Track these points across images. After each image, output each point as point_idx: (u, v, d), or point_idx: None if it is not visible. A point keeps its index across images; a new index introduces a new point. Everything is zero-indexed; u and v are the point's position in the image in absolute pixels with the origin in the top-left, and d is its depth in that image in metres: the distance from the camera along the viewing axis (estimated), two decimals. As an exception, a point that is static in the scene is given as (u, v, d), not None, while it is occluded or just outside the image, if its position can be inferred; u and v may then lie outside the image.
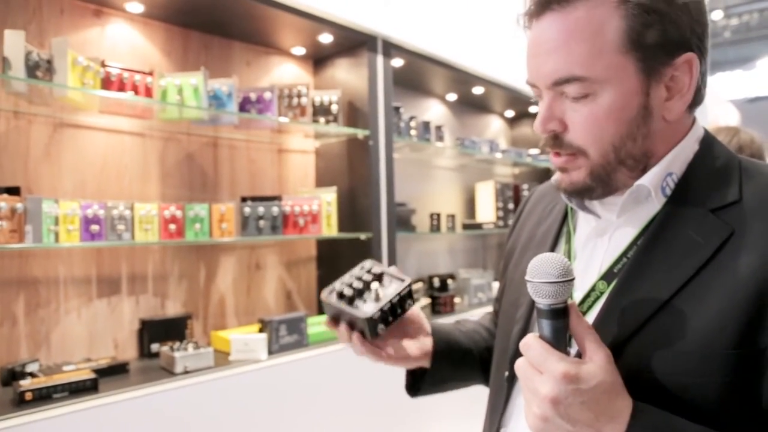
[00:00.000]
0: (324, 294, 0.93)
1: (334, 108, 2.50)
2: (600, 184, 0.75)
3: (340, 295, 0.93)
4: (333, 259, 2.73)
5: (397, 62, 2.83)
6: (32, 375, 1.73)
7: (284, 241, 2.64)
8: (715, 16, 15.12)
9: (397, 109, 2.79)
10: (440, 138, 3.16)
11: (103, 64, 1.90)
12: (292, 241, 2.69)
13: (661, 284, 0.68)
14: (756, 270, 0.63)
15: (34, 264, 1.91)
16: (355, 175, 2.62)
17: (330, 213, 2.44)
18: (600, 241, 0.79)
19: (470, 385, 1.09)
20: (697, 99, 0.75)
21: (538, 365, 0.65)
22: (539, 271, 0.66)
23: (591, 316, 0.74)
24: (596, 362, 0.64)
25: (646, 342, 0.67)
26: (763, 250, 0.64)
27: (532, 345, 0.66)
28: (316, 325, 2.42)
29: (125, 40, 2.18)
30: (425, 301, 3.07)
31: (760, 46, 16.30)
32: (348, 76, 2.65)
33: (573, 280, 0.66)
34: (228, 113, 2.20)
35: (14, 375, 1.74)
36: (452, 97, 3.63)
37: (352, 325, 0.93)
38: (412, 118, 2.92)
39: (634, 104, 0.70)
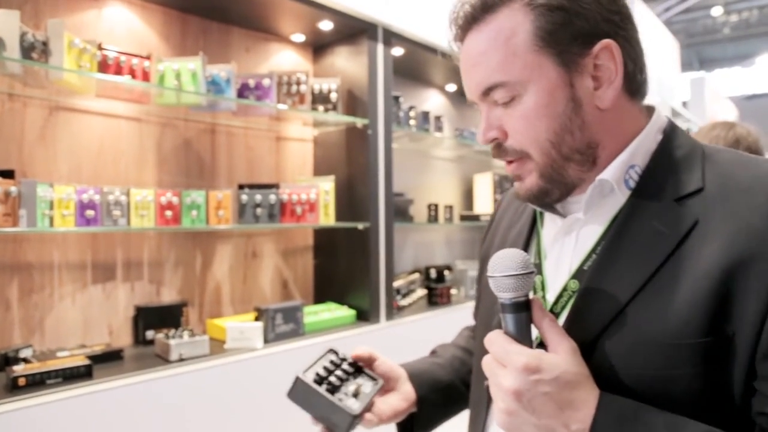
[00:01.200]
0: (300, 374, 0.88)
1: (333, 96, 2.47)
2: (554, 185, 0.75)
3: (319, 382, 0.89)
4: (330, 249, 2.72)
5: (398, 51, 2.80)
6: (26, 361, 1.72)
7: (281, 229, 2.62)
8: (715, 12, 15.08)
9: (396, 98, 2.77)
10: (439, 128, 3.14)
11: (99, 47, 1.87)
12: (290, 230, 2.68)
13: (628, 278, 0.68)
14: (719, 258, 0.63)
15: (29, 249, 1.88)
16: (353, 164, 2.60)
17: (328, 202, 2.43)
18: (567, 240, 0.79)
19: (464, 410, 1.06)
20: (635, 86, 0.75)
21: (501, 359, 0.66)
22: (499, 265, 0.67)
23: (564, 316, 0.73)
24: (559, 353, 0.65)
25: (616, 337, 0.67)
26: (725, 237, 0.64)
27: (495, 340, 0.68)
28: (313, 314, 2.41)
29: (123, 24, 2.14)
30: (422, 292, 3.07)
31: (760, 44, 16.30)
32: (348, 64, 2.63)
33: (533, 273, 0.68)
34: (226, 99, 2.18)
35: (7, 360, 1.72)
36: (452, 87, 3.61)
37: (321, 413, 0.88)
38: (411, 108, 2.90)
39: (559, 98, 0.71)
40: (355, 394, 0.91)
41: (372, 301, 2.51)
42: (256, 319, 2.20)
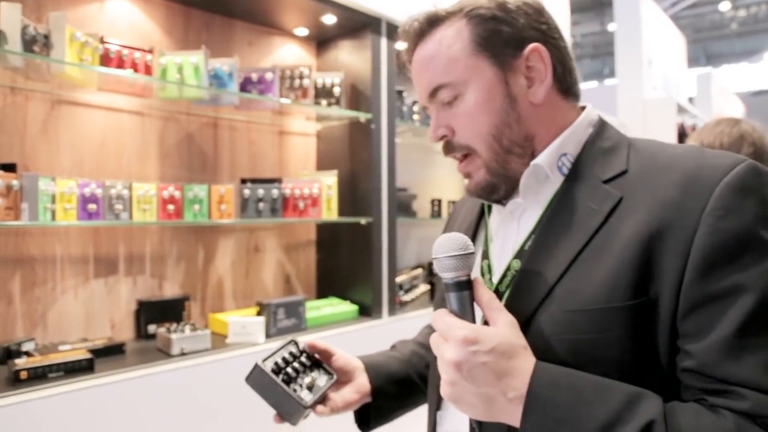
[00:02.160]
0: (259, 361, 0.93)
1: (337, 90, 2.46)
2: (501, 179, 0.83)
3: (277, 372, 0.94)
4: (333, 243, 2.72)
5: (401, 45, 2.78)
6: (28, 354, 1.72)
7: (284, 224, 2.62)
8: (723, 7, 14.97)
9: (400, 92, 2.76)
10: (443, 123, 3.12)
11: (101, 41, 1.87)
12: (292, 225, 2.67)
13: (562, 253, 0.75)
14: (641, 228, 0.70)
15: (31, 242, 1.89)
16: (356, 158, 2.59)
17: (330, 197, 2.42)
18: (511, 224, 0.86)
19: (422, 404, 1.11)
20: (566, 85, 0.84)
21: (443, 334, 0.71)
22: (441, 247, 0.73)
23: (508, 294, 0.79)
24: (497, 326, 0.70)
25: (552, 308, 0.73)
26: (645, 209, 0.71)
27: (439, 318, 0.72)
28: (315, 309, 2.41)
29: (125, 17, 2.14)
30: (424, 287, 3.06)
31: (766, 39, 16.17)
32: (351, 58, 2.61)
33: (473, 253, 0.73)
34: (228, 93, 2.17)
35: (10, 354, 1.72)
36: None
37: (275, 401, 0.94)
38: (414, 103, 2.88)
39: (497, 95, 0.80)
40: (310, 387, 0.96)
41: (374, 296, 2.51)
42: (258, 313, 2.20)
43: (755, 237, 0.65)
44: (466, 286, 0.73)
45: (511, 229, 0.85)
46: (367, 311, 2.52)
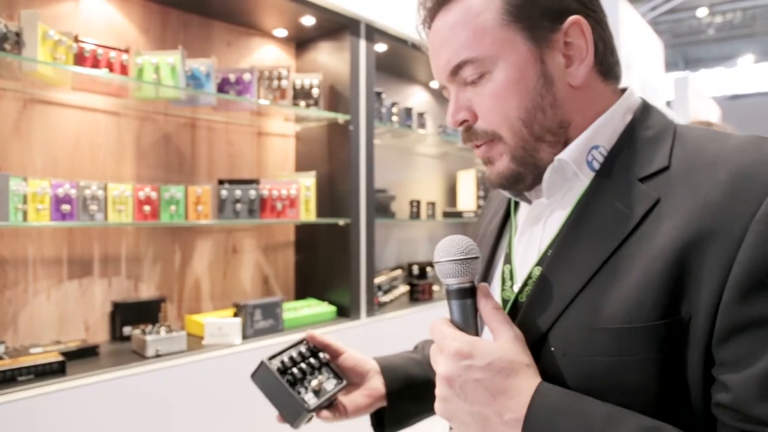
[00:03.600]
0: (265, 359, 0.90)
1: (315, 92, 2.46)
2: (527, 168, 0.73)
3: (283, 371, 0.90)
4: (311, 245, 2.71)
5: (381, 47, 2.80)
6: (-2, 356, 1.70)
7: (262, 225, 2.61)
8: (700, 13, 15.22)
9: (378, 94, 2.76)
10: (422, 125, 3.14)
11: (76, 39, 1.85)
12: (271, 226, 2.66)
13: (585, 262, 0.65)
14: (675, 236, 0.60)
15: (1, 243, 1.86)
16: (334, 159, 2.59)
17: (308, 198, 2.42)
18: (536, 229, 0.76)
19: None
20: (607, 65, 0.74)
21: (439, 345, 0.66)
22: (442, 251, 0.68)
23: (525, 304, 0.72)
24: (498, 341, 0.64)
25: (570, 323, 0.64)
26: (683, 214, 0.60)
27: (436, 326, 0.68)
28: (292, 310, 2.40)
29: (101, 16, 2.11)
30: (404, 288, 3.07)
31: (742, 45, 16.47)
32: (330, 59, 2.61)
33: (477, 258, 0.68)
34: (206, 94, 2.16)
35: (-21, 356, 1.70)
36: (436, 84, 3.61)
37: (278, 401, 0.89)
38: (393, 104, 2.89)
39: (530, 74, 0.69)
40: (316, 390, 0.91)
41: (352, 297, 2.51)
42: (235, 315, 2.19)
43: None
44: (469, 293, 0.67)
45: (536, 232, 0.75)
46: (345, 312, 2.52)
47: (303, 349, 0.97)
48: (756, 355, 0.54)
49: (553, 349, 0.65)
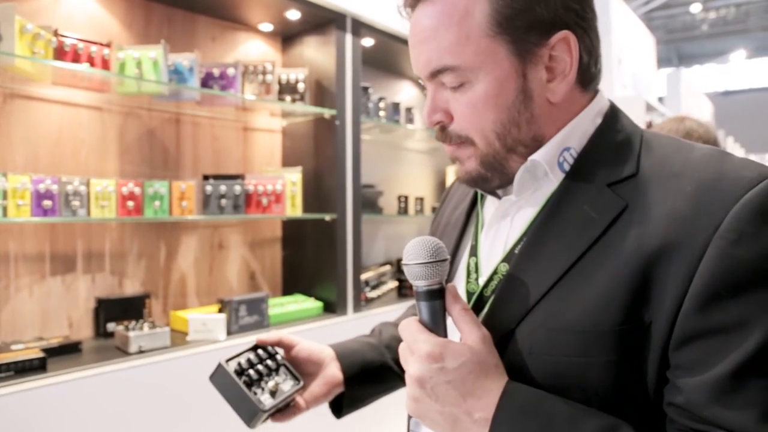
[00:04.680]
0: (223, 361, 0.91)
1: (301, 86, 2.45)
2: (494, 173, 0.73)
3: (240, 373, 0.91)
4: (298, 240, 2.70)
5: (368, 42, 2.78)
6: (-22, 353, 1.68)
7: (249, 220, 2.60)
8: (694, 9, 15.25)
9: (365, 89, 2.75)
10: (410, 120, 3.13)
11: (56, 33, 1.83)
12: (257, 221, 2.66)
13: (553, 263, 0.66)
14: (642, 243, 0.61)
15: (-18, 239, 1.84)
16: (321, 155, 2.58)
17: (295, 193, 2.41)
18: (503, 223, 0.77)
19: (400, 388, 1.06)
20: (589, 76, 0.73)
21: (410, 346, 0.67)
22: (412, 253, 0.68)
23: (492, 300, 0.73)
24: (467, 342, 0.65)
25: (536, 323, 0.66)
26: (650, 222, 0.62)
27: (407, 327, 0.68)
28: (279, 306, 2.40)
29: (82, 10, 2.10)
30: (392, 284, 3.07)
31: (735, 41, 16.53)
32: (316, 54, 2.60)
33: (446, 261, 0.68)
34: (189, 89, 2.14)
35: (-41, 353, 1.68)
36: (425, 79, 3.59)
37: (235, 402, 0.90)
38: (381, 99, 2.88)
39: (510, 89, 0.68)
40: (273, 392, 0.93)
41: (339, 292, 2.50)
42: (220, 310, 2.18)
43: None
44: (438, 295, 0.68)
45: (503, 227, 0.77)
46: (331, 308, 2.52)
47: (261, 351, 0.98)
48: (709, 362, 0.57)
49: (519, 346, 0.67)
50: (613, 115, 0.74)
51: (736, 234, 0.57)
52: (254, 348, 0.98)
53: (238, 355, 0.94)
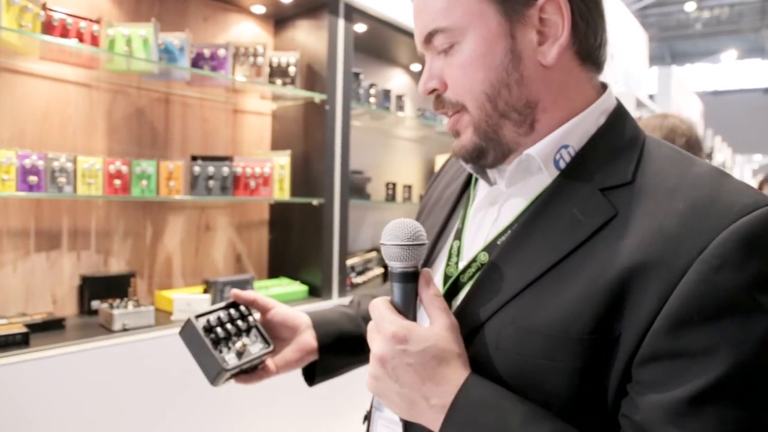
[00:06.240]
0: (192, 317, 0.91)
1: (292, 70, 2.45)
2: (489, 144, 0.72)
3: (208, 330, 0.91)
4: (285, 224, 2.71)
5: (360, 27, 2.78)
6: (-40, 326, 1.68)
7: (236, 203, 2.60)
8: (688, 7, 15.31)
9: (356, 75, 2.75)
10: (401, 108, 3.14)
11: (44, 7, 1.81)
12: (245, 204, 2.66)
13: (533, 261, 0.66)
14: (624, 256, 0.61)
15: (-34, 213, 1.83)
16: (310, 139, 2.58)
17: (283, 176, 2.41)
18: (490, 211, 0.77)
19: None
20: (587, 47, 0.71)
21: (377, 325, 0.68)
22: (391, 234, 0.68)
23: (468, 287, 0.73)
24: (433, 328, 0.66)
25: (507, 319, 0.66)
26: (636, 235, 0.61)
27: (377, 306, 0.69)
28: (264, 289, 2.41)
29: (72, -15, 2.07)
30: (378, 270, 3.09)
31: (728, 41, 16.63)
32: (308, 38, 2.60)
33: (423, 245, 0.68)
34: (179, 68, 2.13)
35: (-59, 325, 1.68)
36: (417, 67, 3.60)
37: (201, 359, 0.91)
38: (372, 86, 2.88)
39: (498, 48, 0.68)
40: (239, 352, 0.92)
41: (324, 277, 2.52)
42: (205, 291, 2.19)
43: (746, 300, 0.56)
44: (411, 278, 0.68)
45: (489, 216, 0.76)
46: (316, 292, 2.53)
47: (233, 311, 0.97)
48: (670, 383, 0.57)
49: (487, 340, 0.67)
50: (618, 116, 0.73)
51: (719, 260, 0.56)
52: (229, 306, 0.97)
53: (209, 312, 0.94)
